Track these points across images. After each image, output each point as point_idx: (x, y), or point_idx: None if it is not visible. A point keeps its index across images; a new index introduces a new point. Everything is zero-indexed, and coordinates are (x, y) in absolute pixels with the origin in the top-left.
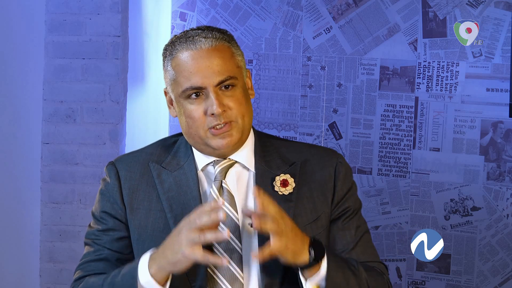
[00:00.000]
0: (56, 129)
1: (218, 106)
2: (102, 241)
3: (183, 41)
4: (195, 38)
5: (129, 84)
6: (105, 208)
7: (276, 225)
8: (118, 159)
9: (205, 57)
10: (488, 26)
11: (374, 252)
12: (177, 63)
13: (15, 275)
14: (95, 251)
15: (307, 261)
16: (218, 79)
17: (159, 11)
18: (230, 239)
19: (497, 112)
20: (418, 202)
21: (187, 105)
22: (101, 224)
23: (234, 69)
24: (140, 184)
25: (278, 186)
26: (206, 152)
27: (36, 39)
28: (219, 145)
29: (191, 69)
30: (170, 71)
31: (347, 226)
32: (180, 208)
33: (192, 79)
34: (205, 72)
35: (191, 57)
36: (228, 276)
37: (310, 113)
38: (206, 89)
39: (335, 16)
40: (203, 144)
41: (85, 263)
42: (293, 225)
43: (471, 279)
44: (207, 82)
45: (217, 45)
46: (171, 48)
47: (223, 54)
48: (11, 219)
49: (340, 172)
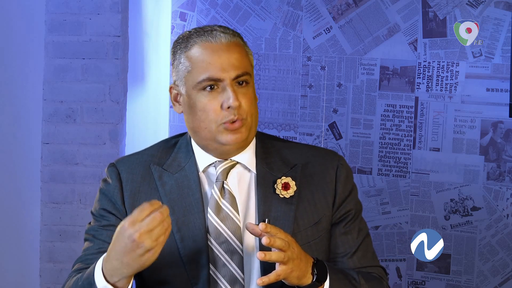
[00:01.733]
0: (56, 129)
1: (235, 99)
2: (103, 236)
3: (201, 34)
4: (213, 32)
5: (129, 84)
6: (106, 206)
7: (283, 255)
8: (120, 160)
9: (225, 50)
10: (488, 26)
11: (374, 256)
12: (194, 55)
13: (15, 275)
14: (96, 245)
15: (310, 283)
16: (236, 72)
17: (159, 11)
18: (231, 240)
19: (497, 112)
20: (418, 202)
21: (201, 98)
22: (102, 220)
23: (249, 67)
24: (141, 186)
25: (280, 189)
26: (210, 148)
27: (36, 39)
28: (228, 141)
29: (210, 60)
30: (184, 63)
31: (349, 230)
32: (182, 210)
33: (210, 70)
34: (224, 65)
35: (211, 48)
36: (228, 278)
37: (310, 113)
38: (223, 82)
39: (335, 16)
40: (210, 139)
41: (85, 255)
42: (299, 250)
43: (471, 279)
44: (225, 75)
45: (234, 41)
46: (186, 41)
47: (240, 49)
48: (11, 219)
49: (341, 175)
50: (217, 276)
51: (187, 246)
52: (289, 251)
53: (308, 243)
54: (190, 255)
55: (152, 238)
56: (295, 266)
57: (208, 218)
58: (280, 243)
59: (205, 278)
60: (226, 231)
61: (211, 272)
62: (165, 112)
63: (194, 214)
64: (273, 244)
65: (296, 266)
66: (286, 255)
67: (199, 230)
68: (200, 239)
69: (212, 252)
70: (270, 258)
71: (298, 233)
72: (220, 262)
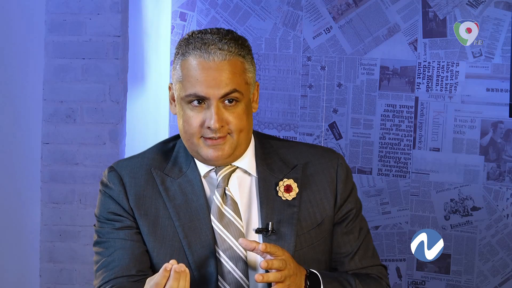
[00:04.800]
0: (56, 129)
1: (216, 121)
2: (120, 235)
3: (198, 47)
4: (210, 47)
5: (129, 84)
6: (115, 210)
7: (280, 275)
8: (119, 164)
9: (215, 69)
10: (488, 26)
11: (374, 254)
12: (186, 67)
13: (15, 275)
14: (113, 246)
15: None
16: (223, 91)
17: (159, 11)
18: (235, 247)
19: (497, 112)
20: (418, 202)
21: (187, 110)
22: (115, 223)
23: (241, 85)
24: (145, 191)
25: (282, 191)
26: (198, 159)
27: (36, 39)
28: (209, 156)
29: (199, 77)
30: (178, 71)
31: (350, 229)
32: (188, 217)
33: (197, 87)
34: (211, 83)
35: (201, 66)
36: (233, 285)
37: (310, 113)
38: (210, 100)
39: (335, 16)
40: (195, 151)
41: (107, 261)
42: (295, 265)
43: (471, 279)
44: (211, 93)
45: (230, 59)
46: (184, 48)
47: (234, 68)
48: (11, 219)
49: (341, 175)
50: (222, 284)
51: (195, 252)
52: (286, 270)
53: (312, 245)
54: (199, 262)
55: None
56: (292, 282)
57: (212, 225)
58: (277, 264)
59: (213, 286)
60: (230, 237)
61: (218, 280)
62: (165, 112)
63: (200, 220)
64: (271, 267)
65: (292, 282)
66: (283, 274)
67: (206, 236)
68: (207, 245)
69: (218, 259)
70: (268, 279)
71: (302, 235)
72: (225, 269)
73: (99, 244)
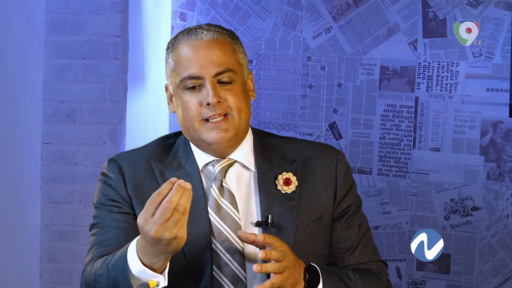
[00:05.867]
0: (56, 129)
1: (214, 96)
2: (117, 217)
3: (185, 33)
4: (197, 30)
5: (129, 84)
6: (112, 196)
7: (278, 266)
8: (119, 156)
9: (205, 47)
10: (488, 26)
11: (374, 250)
12: (177, 54)
13: (15, 275)
14: (108, 225)
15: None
16: (216, 70)
17: (159, 11)
18: (232, 239)
19: (497, 112)
20: (418, 202)
21: (184, 96)
22: (112, 208)
23: (234, 63)
24: (144, 180)
25: (281, 184)
26: (202, 147)
27: (36, 39)
28: (212, 139)
29: (190, 58)
30: (170, 63)
31: (350, 224)
32: None
33: (190, 69)
34: (203, 62)
35: (191, 47)
36: (231, 277)
37: (310, 113)
38: (203, 79)
39: (335, 16)
40: (198, 139)
41: (101, 239)
42: (294, 258)
43: (471, 279)
44: (204, 72)
45: (218, 38)
46: (173, 41)
47: (223, 47)
48: (11, 219)
49: (341, 170)
50: (219, 275)
51: (191, 243)
52: (284, 261)
53: (311, 238)
54: (194, 253)
55: (169, 229)
56: (290, 274)
57: (209, 217)
58: (276, 255)
59: (208, 276)
60: (227, 229)
61: (214, 271)
62: (165, 112)
63: (198, 212)
64: (269, 257)
65: (291, 274)
66: (281, 265)
67: (203, 227)
68: (203, 237)
69: (214, 251)
70: (266, 270)
71: (302, 229)
72: (222, 261)
73: (95, 226)
